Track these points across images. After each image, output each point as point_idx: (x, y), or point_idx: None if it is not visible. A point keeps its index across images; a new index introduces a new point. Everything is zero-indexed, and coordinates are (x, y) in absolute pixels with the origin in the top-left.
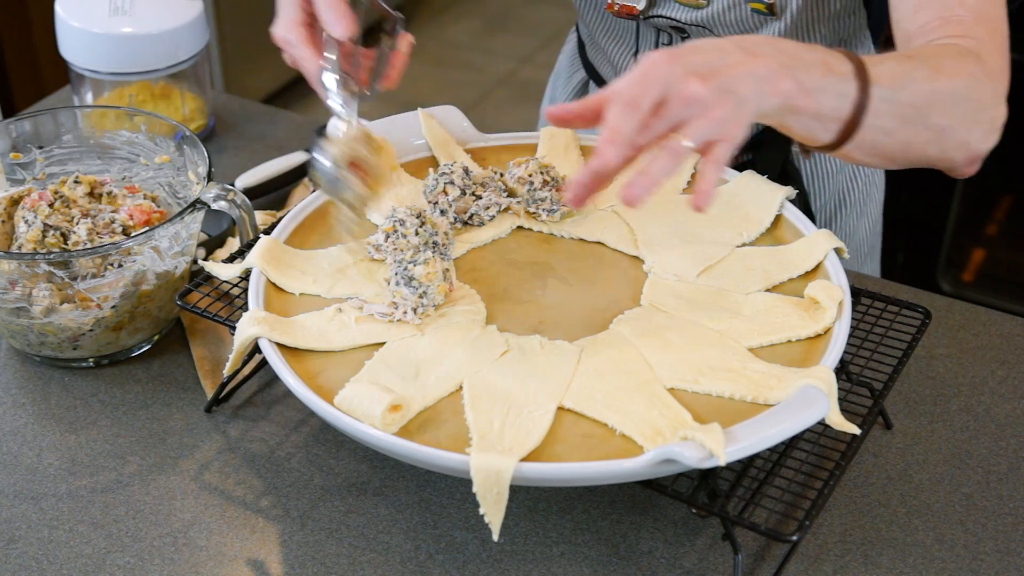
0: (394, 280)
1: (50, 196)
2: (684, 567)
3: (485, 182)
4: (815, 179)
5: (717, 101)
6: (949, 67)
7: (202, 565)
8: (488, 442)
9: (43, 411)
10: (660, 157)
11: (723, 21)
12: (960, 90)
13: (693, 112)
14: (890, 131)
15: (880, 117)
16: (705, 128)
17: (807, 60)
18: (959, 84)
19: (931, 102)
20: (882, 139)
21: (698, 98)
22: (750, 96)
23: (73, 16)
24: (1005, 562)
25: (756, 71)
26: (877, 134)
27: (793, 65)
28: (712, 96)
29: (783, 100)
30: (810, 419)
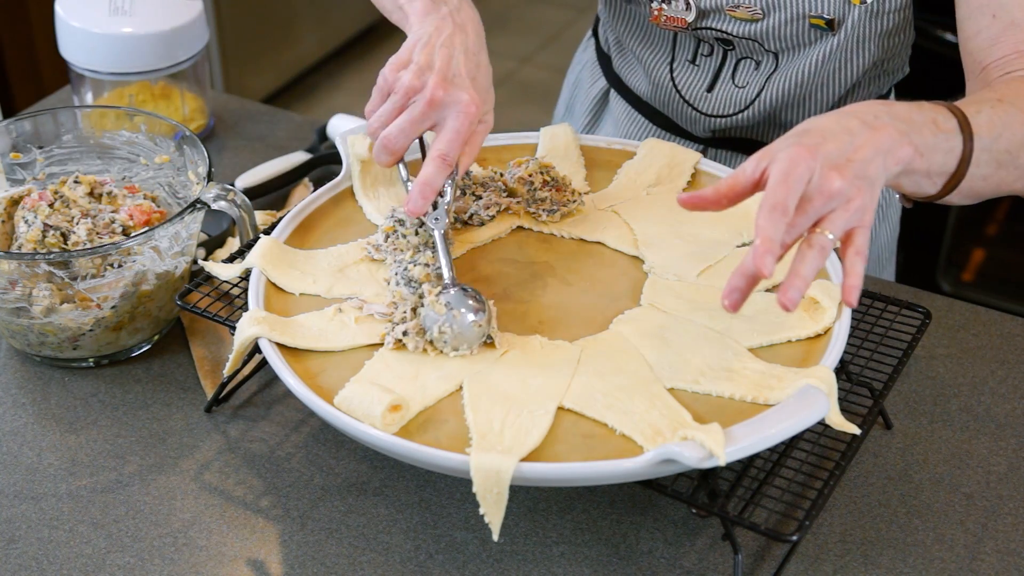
0: (394, 280)
1: (50, 196)
2: (684, 567)
3: (485, 182)
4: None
5: (855, 191)
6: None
7: (202, 565)
8: (488, 442)
9: (43, 411)
10: (808, 256)
11: (778, 35)
12: None
13: (835, 205)
14: (987, 176)
15: (980, 166)
16: (846, 219)
17: (919, 122)
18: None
19: (1022, 144)
20: (979, 184)
21: (840, 192)
22: (878, 175)
23: (73, 16)
24: (1005, 562)
25: (881, 146)
26: (976, 181)
27: (909, 131)
28: (851, 188)
29: (903, 167)
30: (810, 419)
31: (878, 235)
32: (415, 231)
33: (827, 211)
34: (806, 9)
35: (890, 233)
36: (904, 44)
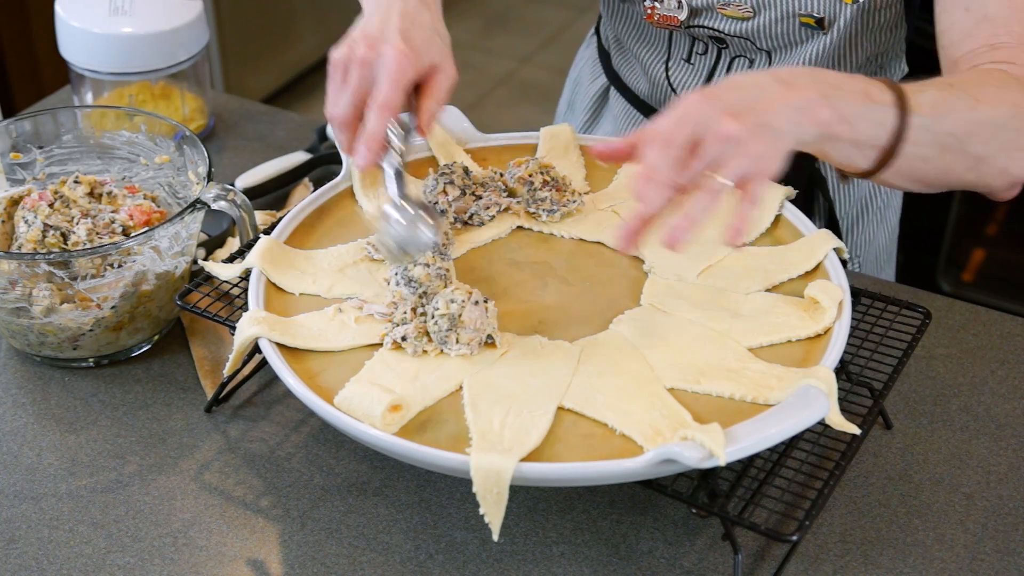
0: (394, 280)
1: (50, 196)
2: (684, 567)
3: (485, 182)
4: (841, 187)
5: (753, 137)
6: (991, 95)
7: (202, 565)
8: (488, 442)
9: (43, 411)
10: (699, 197)
11: (769, 33)
12: (1001, 119)
13: (729, 150)
14: (928, 158)
15: (919, 145)
16: (742, 165)
17: (847, 89)
18: (1001, 113)
19: (971, 131)
20: (919, 166)
21: (733, 136)
22: (787, 128)
23: (73, 16)
24: (1005, 562)
25: (793, 103)
26: (915, 161)
27: (832, 95)
28: (747, 133)
29: (822, 129)
30: (810, 419)
31: (876, 236)
32: None
33: (722, 156)
34: (796, 8)
35: (888, 235)
36: (897, 39)
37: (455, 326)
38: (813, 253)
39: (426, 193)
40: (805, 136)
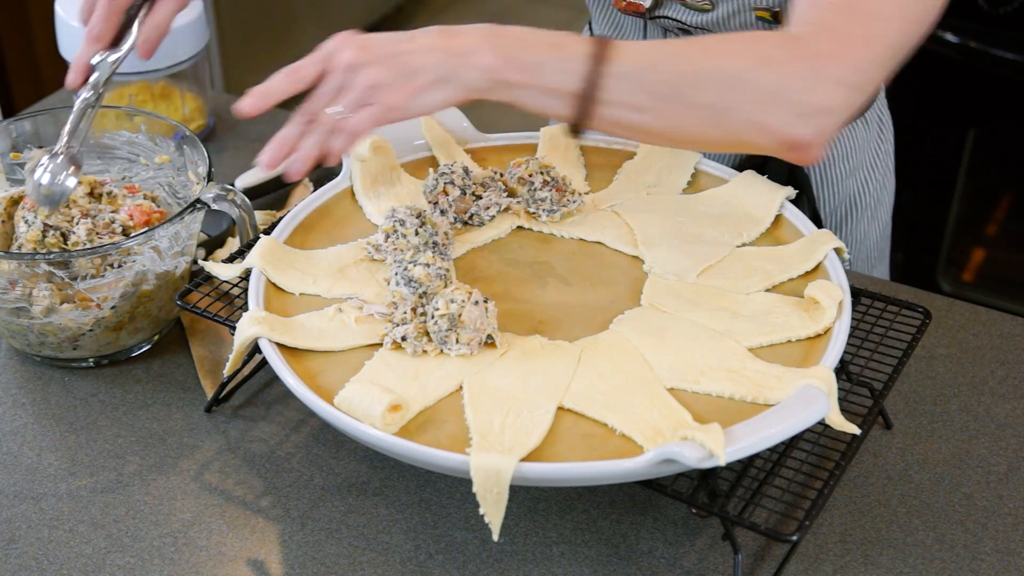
0: (394, 280)
1: None
2: (684, 567)
3: (485, 182)
4: (824, 185)
5: (374, 69)
6: (730, 49)
7: (202, 565)
8: (488, 442)
9: (43, 411)
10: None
11: (728, 26)
12: (737, 70)
13: (349, 79)
14: (643, 108)
15: (623, 94)
16: (356, 96)
17: (532, 41)
18: (738, 64)
19: (693, 81)
20: (636, 117)
21: (353, 65)
22: (428, 68)
23: (73, 16)
24: (1005, 562)
25: (448, 48)
26: (626, 111)
27: (507, 45)
28: (368, 64)
29: (488, 74)
30: (810, 419)
31: (867, 235)
32: (415, 231)
33: (343, 86)
34: (751, 1)
35: (880, 231)
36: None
37: (455, 326)
38: (813, 253)
39: (426, 193)
40: (467, 79)
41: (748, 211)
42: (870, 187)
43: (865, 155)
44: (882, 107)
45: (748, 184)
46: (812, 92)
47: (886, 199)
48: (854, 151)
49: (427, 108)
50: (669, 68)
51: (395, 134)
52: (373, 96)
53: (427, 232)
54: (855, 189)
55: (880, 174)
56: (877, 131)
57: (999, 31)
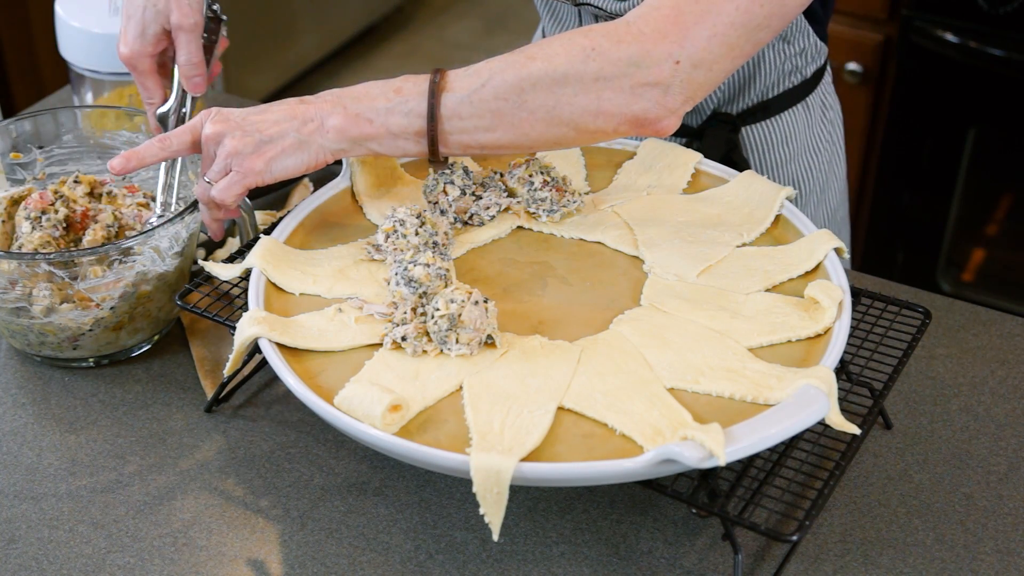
0: (394, 280)
1: (50, 196)
2: (684, 567)
3: (485, 182)
4: (764, 169)
5: (235, 139)
6: (551, 50)
7: (202, 565)
8: (488, 442)
9: (43, 411)
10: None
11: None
12: (559, 69)
13: (212, 150)
14: (488, 127)
15: (463, 119)
16: (219, 163)
17: (373, 94)
18: (557, 63)
19: (522, 88)
20: (483, 136)
21: (214, 136)
22: (283, 135)
23: (73, 16)
24: (1005, 562)
25: (300, 114)
26: (472, 134)
27: (351, 104)
28: (230, 134)
29: (338, 135)
30: (810, 419)
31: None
32: (415, 231)
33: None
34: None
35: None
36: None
37: (455, 326)
38: (813, 253)
39: (426, 193)
40: (323, 143)
41: (748, 211)
42: (814, 171)
43: (806, 139)
44: (826, 91)
45: (748, 184)
46: (640, 69)
47: (835, 183)
48: (794, 136)
49: (286, 172)
50: (496, 83)
51: None
52: (234, 163)
53: (427, 232)
54: (798, 173)
55: (825, 157)
56: (820, 115)
57: (999, 31)
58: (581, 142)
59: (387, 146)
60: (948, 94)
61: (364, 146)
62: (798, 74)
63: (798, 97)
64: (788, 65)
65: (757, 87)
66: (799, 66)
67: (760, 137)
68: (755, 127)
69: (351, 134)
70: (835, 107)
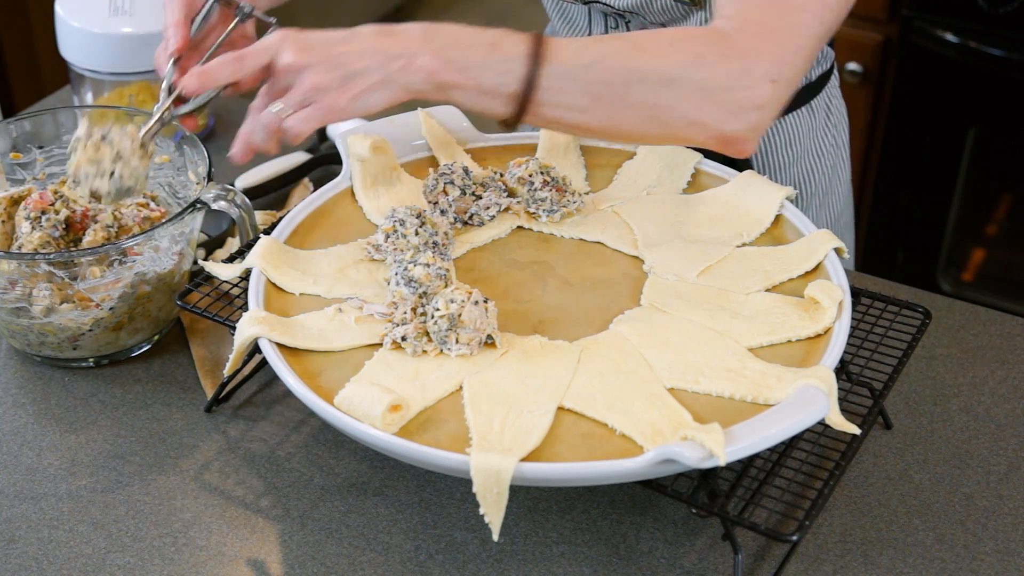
0: (394, 280)
1: (50, 196)
2: (684, 567)
3: (485, 182)
4: (768, 170)
5: (318, 73)
6: (663, 49)
7: (202, 565)
8: (488, 442)
9: (43, 411)
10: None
11: (651, 8)
12: (668, 69)
13: (290, 81)
14: (582, 108)
15: (561, 93)
16: (298, 96)
17: (469, 42)
18: (670, 64)
19: (628, 80)
20: (572, 115)
21: (296, 66)
22: (369, 71)
23: (73, 16)
24: (1005, 562)
25: (386, 49)
26: (564, 110)
27: (445, 46)
28: (307, 65)
29: (427, 77)
30: (810, 419)
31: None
32: (415, 231)
33: (286, 86)
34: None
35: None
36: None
37: (455, 326)
38: (813, 253)
39: (426, 193)
40: (408, 81)
41: (748, 211)
42: (817, 175)
43: (810, 142)
44: (831, 94)
45: (748, 184)
46: (743, 90)
47: (838, 187)
48: (798, 139)
49: (367, 110)
50: (605, 67)
51: (395, 134)
52: (315, 97)
53: (427, 232)
54: (801, 176)
55: (829, 161)
56: (824, 118)
57: (999, 31)
58: (664, 143)
59: (471, 100)
60: (948, 94)
61: (447, 94)
62: (804, 78)
63: (803, 100)
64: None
65: None
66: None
67: (765, 139)
68: None
69: (439, 79)
70: (840, 111)
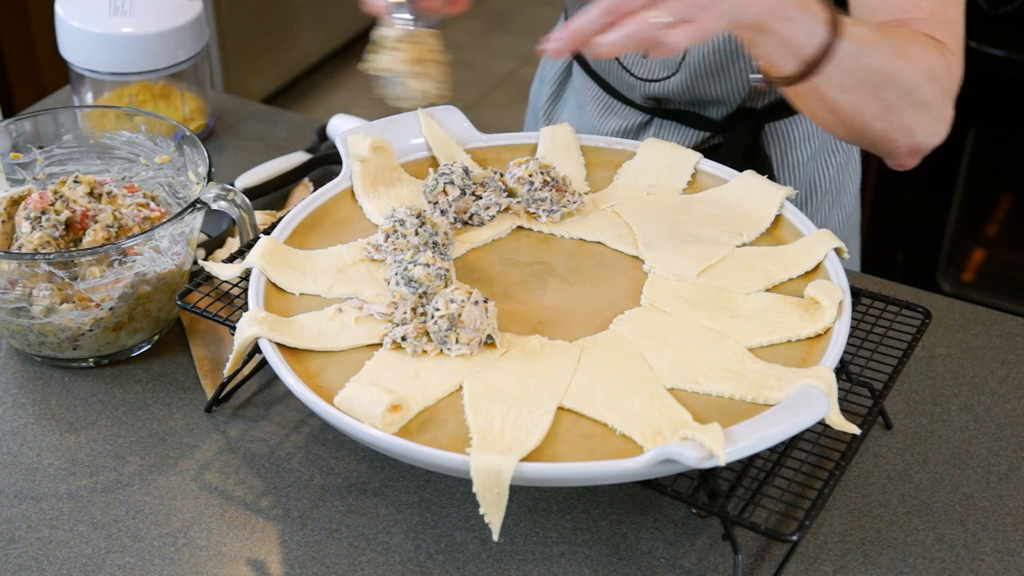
0: (394, 280)
1: (50, 196)
2: (684, 567)
3: (485, 182)
4: (784, 167)
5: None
6: (914, 52)
7: (202, 565)
8: (488, 442)
9: (43, 411)
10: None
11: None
12: (917, 76)
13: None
14: (846, 88)
15: (841, 70)
16: (679, 7)
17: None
18: (918, 70)
19: (888, 76)
20: (836, 94)
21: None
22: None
23: (73, 16)
24: (1005, 562)
25: None
26: (833, 87)
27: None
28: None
29: (759, 13)
30: (810, 419)
31: (828, 221)
32: (415, 231)
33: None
34: None
35: (844, 218)
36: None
37: (455, 326)
38: (813, 253)
39: (426, 193)
40: (745, 14)
41: (748, 211)
42: (829, 172)
43: (825, 139)
44: None
45: (748, 184)
46: (946, 108)
47: (850, 186)
48: (814, 135)
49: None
50: (877, 57)
51: (395, 134)
52: (696, 14)
53: (427, 232)
54: (814, 173)
55: (840, 159)
56: None
57: (999, 31)
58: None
59: (771, 50)
60: None
61: (758, 36)
62: None
63: None
64: None
65: None
66: None
67: (782, 134)
68: (778, 124)
69: (766, 20)
70: None
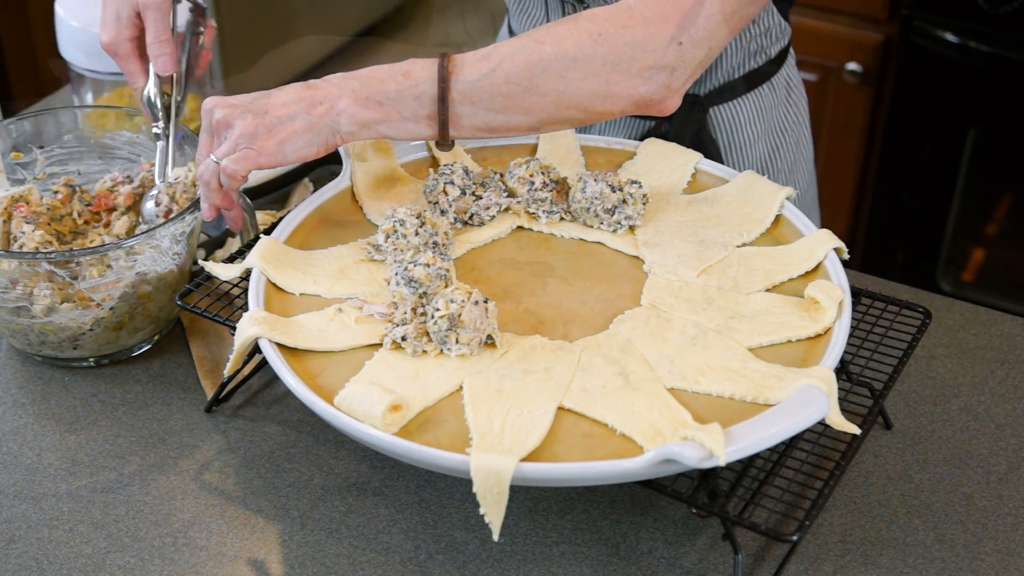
0: (394, 280)
1: (44, 202)
2: (684, 567)
3: (485, 182)
4: (733, 149)
5: (243, 121)
6: (561, 36)
7: (202, 565)
8: (488, 442)
9: (43, 411)
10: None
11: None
12: (568, 53)
13: (224, 135)
14: (498, 109)
15: (475, 103)
16: (227, 146)
17: (382, 77)
18: (567, 47)
19: (532, 72)
20: (494, 118)
21: (224, 121)
22: (292, 117)
23: (73, 16)
24: (1005, 562)
25: (308, 98)
26: (483, 116)
27: (360, 87)
28: (234, 119)
29: (349, 117)
30: (810, 419)
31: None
32: (415, 231)
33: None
34: None
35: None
36: None
37: (455, 326)
38: (813, 253)
39: (426, 193)
40: (334, 127)
41: (748, 211)
42: (782, 151)
43: (773, 118)
44: (791, 72)
45: (748, 184)
46: (647, 54)
47: (803, 164)
48: (760, 115)
49: (298, 154)
50: (507, 67)
51: None
52: (246, 143)
53: (427, 232)
54: (767, 153)
55: (792, 139)
56: (785, 94)
57: (999, 31)
58: (588, 122)
59: (397, 129)
60: (948, 94)
61: (374, 129)
62: (763, 54)
63: (763, 77)
64: (753, 45)
65: (723, 68)
66: (764, 46)
67: (727, 118)
68: (722, 108)
69: (361, 118)
70: (799, 88)
